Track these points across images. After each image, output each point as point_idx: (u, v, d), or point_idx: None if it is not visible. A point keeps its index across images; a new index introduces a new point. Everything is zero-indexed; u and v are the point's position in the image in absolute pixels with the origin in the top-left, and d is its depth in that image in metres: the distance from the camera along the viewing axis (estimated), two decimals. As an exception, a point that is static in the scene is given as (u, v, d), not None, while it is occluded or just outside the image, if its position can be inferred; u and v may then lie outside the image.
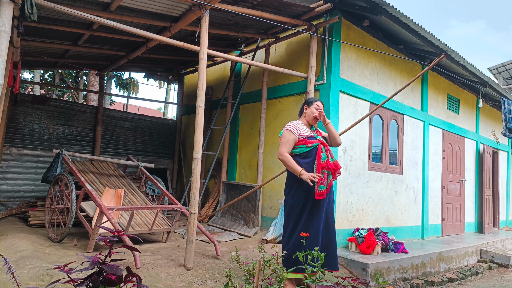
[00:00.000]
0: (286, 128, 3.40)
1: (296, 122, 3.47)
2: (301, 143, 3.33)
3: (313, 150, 3.31)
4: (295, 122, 3.48)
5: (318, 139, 3.37)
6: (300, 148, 3.33)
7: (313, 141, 3.33)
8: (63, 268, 1.44)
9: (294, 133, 3.34)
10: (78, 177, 4.60)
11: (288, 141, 3.32)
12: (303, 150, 3.32)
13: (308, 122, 3.51)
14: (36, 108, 6.86)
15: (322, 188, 3.18)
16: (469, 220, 8.44)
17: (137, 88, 15.27)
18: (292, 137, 3.33)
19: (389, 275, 4.57)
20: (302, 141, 3.33)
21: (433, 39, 5.62)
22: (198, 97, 3.83)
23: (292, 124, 3.43)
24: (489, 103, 9.46)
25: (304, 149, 3.32)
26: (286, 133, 3.36)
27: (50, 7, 3.54)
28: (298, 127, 3.41)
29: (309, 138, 3.35)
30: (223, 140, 6.56)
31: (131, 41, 5.75)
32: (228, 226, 6.06)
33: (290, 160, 3.25)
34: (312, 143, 3.32)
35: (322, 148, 3.30)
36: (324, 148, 3.32)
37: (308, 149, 3.31)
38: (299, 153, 3.34)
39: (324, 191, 3.20)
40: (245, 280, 2.56)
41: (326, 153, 3.30)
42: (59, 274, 2.78)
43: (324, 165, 3.24)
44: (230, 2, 4.56)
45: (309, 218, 3.23)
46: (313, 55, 5.27)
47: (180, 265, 3.65)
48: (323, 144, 3.35)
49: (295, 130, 3.36)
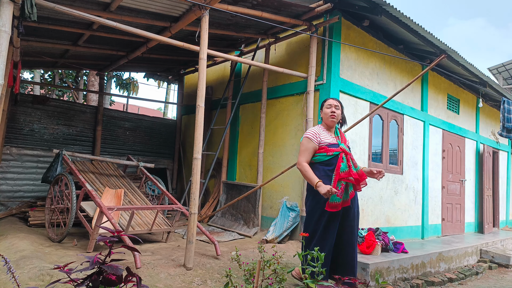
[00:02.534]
0: (306, 135, 3.21)
1: (317, 128, 3.28)
2: (321, 151, 3.15)
3: (334, 159, 3.12)
4: (316, 128, 3.29)
5: (340, 147, 3.16)
6: (319, 156, 3.16)
7: (334, 149, 3.14)
8: (63, 268, 1.44)
9: (314, 141, 3.16)
10: (78, 177, 4.60)
11: (307, 150, 3.15)
12: (323, 159, 3.15)
13: (328, 125, 3.30)
14: (36, 108, 6.86)
15: (335, 199, 3.00)
16: (469, 220, 8.44)
17: (137, 88, 15.27)
18: (311, 145, 3.15)
19: (389, 275, 4.57)
20: (323, 148, 3.15)
21: (433, 39, 5.62)
22: (198, 97, 3.83)
23: (312, 131, 3.23)
24: (489, 103, 9.46)
25: (324, 158, 3.15)
26: (305, 141, 3.19)
27: (50, 7, 3.54)
28: (318, 134, 3.20)
29: (330, 146, 3.15)
30: (223, 140, 6.56)
31: (131, 41, 5.75)
32: (228, 226, 6.06)
33: (308, 171, 3.08)
34: (332, 152, 3.13)
35: (343, 158, 3.10)
36: (346, 158, 3.12)
37: (328, 157, 3.13)
38: (319, 161, 3.17)
39: (338, 203, 3.02)
40: (245, 280, 2.56)
41: (347, 163, 3.11)
42: (59, 274, 2.78)
43: (342, 176, 3.05)
44: (230, 2, 4.56)
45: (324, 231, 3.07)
46: (313, 55, 5.27)
47: (180, 265, 3.65)
48: (345, 153, 3.15)
49: (315, 138, 3.17)
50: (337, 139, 3.24)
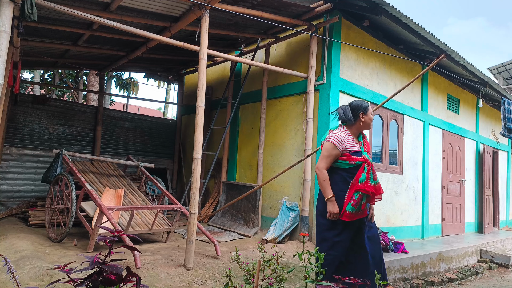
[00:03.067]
0: (331, 140, 3.02)
1: (343, 134, 3.07)
2: (344, 158, 3.01)
3: (355, 168, 3.01)
4: (342, 133, 3.09)
5: (363, 156, 3.03)
6: (341, 163, 3.03)
7: (357, 158, 3.01)
8: (63, 268, 1.44)
9: (339, 148, 3.00)
10: (78, 177, 4.60)
11: (330, 156, 3.00)
12: (345, 166, 3.03)
13: (358, 130, 3.17)
14: (36, 108, 6.86)
15: (350, 209, 2.90)
16: (469, 220, 8.44)
17: (137, 88, 15.28)
18: (335, 153, 3.00)
19: (389, 275, 4.57)
20: (346, 156, 3.01)
21: (433, 39, 5.63)
22: (198, 97, 3.83)
23: (338, 136, 3.04)
24: (489, 103, 9.46)
25: (346, 165, 3.03)
26: (330, 147, 3.01)
27: (50, 7, 3.54)
28: (343, 141, 3.02)
29: (353, 154, 3.02)
30: (223, 140, 6.56)
31: (131, 41, 5.75)
32: (228, 226, 6.06)
33: (326, 180, 2.96)
34: (355, 161, 3.00)
35: (364, 168, 2.97)
36: (367, 168, 2.98)
37: (350, 166, 3.01)
38: (340, 168, 3.04)
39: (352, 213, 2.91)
40: (245, 280, 2.56)
41: (367, 174, 2.97)
42: (59, 274, 2.78)
43: (360, 187, 2.93)
44: (230, 2, 4.56)
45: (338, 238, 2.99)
46: (313, 55, 5.27)
47: (180, 265, 3.65)
48: (367, 163, 3.01)
49: (340, 145, 3.00)
50: (360, 145, 3.12)
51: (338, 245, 2.99)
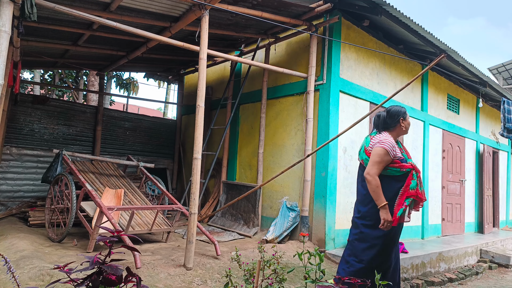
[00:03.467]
0: (383, 146, 2.95)
1: (391, 140, 3.03)
2: (395, 165, 2.97)
3: (405, 176, 2.98)
4: (391, 139, 3.04)
5: (410, 163, 3.02)
6: (392, 171, 2.99)
7: (407, 166, 2.99)
8: (63, 268, 1.43)
9: (391, 154, 2.95)
10: (78, 177, 4.60)
11: (382, 162, 2.93)
12: (395, 174, 2.99)
13: (398, 136, 3.17)
14: (36, 108, 6.86)
15: (400, 214, 2.93)
16: (469, 220, 8.44)
17: (137, 88, 15.28)
18: (387, 159, 2.94)
19: (389, 275, 4.57)
20: (397, 163, 2.97)
21: (433, 39, 5.62)
22: (198, 97, 3.83)
23: (390, 142, 2.99)
24: (489, 103, 9.46)
25: (397, 173, 2.99)
26: (383, 153, 2.93)
27: (50, 7, 3.54)
28: (395, 147, 2.99)
29: (402, 161, 3.00)
30: (223, 140, 6.56)
31: (131, 41, 5.75)
32: (228, 226, 6.06)
33: (379, 186, 2.89)
34: (405, 168, 2.98)
35: (413, 174, 2.95)
36: (416, 175, 2.98)
37: (401, 173, 2.98)
38: (389, 175, 3.01)
39: (401, 218, 2.93)
40: (245, 280, 2.56)
41: (416, 180, 2.97)
42: (59, 274, 2.78)
43: (412, 193, 2.93)
44: (230, 2, 4.56)
45: (391, 245, 3.04)
46: (313, 55, 5.27)
47: (180, 265, 3.65)
48: (415, 169, 3.01)
49: (392, 151, 2.96)
50: (401, 151, 3.10)
51: (388, 249, 3.05)
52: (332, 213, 5.03)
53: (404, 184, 2.96)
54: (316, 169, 5.19)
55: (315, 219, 5.08)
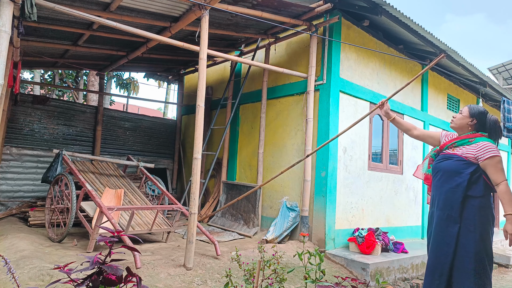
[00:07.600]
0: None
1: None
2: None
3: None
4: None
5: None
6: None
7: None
8: (63, 268, 1.44)
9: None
10: (78, 177, 4.60)
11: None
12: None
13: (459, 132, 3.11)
14: (36, 108, 6.86)
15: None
16: (469, 220, 8.43)
17: (137, 88, 15.29)
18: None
19: (389, 275, 4.57)
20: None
21: (433, 39, 5.63)
22: (198, 97, 3.83)
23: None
24: (489, 103, 9.46)
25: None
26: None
27: (50, 7, 3.54)
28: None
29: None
30: (223, 140, 6.56)
31: (131, 41, 5.75)
32: (228, 226, 6.06)
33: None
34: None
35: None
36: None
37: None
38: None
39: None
40: (245, 280, 2.56)
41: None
42: (59, 274, 2.78)
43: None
44: (230, 2, 4.56)
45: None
46: (313, 55, 5.27)
47: (180, 265, 3.65)
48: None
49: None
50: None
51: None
52: (332, 213, 5.04)
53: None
54: (316, 169, 5.19)
55: (315, 219, 5.08)
